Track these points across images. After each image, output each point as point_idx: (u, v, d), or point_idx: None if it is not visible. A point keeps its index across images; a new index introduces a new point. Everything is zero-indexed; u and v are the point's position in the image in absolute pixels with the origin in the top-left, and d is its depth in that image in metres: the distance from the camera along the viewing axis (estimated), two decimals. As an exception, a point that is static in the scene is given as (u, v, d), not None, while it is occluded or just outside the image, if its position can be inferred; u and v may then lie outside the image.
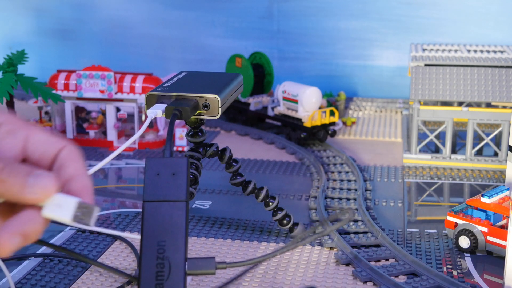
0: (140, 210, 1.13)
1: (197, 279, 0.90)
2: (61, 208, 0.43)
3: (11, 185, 0.42)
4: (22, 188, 0.42)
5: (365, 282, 0.90)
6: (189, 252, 0.99)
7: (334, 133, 1.51)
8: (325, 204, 1.15)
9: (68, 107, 1.53)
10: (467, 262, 0.97)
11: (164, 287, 0.50)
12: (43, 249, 1.00)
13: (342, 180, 1.28)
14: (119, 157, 1.45)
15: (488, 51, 1.50)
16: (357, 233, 1.04)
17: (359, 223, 1.08)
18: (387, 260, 0.96)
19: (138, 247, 1.00)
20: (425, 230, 1.07)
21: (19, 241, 0.42)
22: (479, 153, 1.41)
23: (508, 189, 1.01)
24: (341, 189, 1.23)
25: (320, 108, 1.52)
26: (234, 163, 1.00)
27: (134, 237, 0.96)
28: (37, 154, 0.46)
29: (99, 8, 2.13)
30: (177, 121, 1.41)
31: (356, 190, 1.22)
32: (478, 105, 1.44)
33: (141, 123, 1.51)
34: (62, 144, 0.46)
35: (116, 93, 1.49)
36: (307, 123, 1.48)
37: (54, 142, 0.46)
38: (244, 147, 1.53)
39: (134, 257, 0.98)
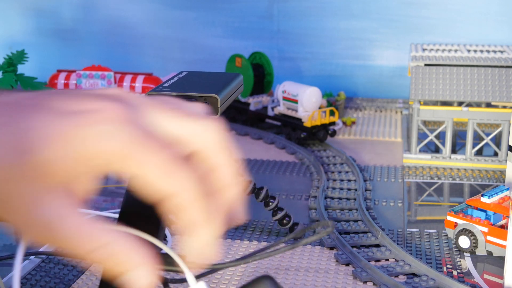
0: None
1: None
2: None
3: (110, 263, 0.37)
4: (118, 273, 0.37)
5: (365, 282, 0.90)
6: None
7: (334, 133, 1.50)
8: (325, 204, 1.15)
9: (68, 107, 1.52)
10: (467, 262, 0.97)
11: None
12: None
13: (342, 180, 1.28)
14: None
15: (488, 51, 1.50)
16: (357, 233, 1.04)
17: (359, 223, 1.08)
18: (387, 260, 0.96)
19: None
20: (425, 230, 1.07)
21: None
22: (479, 153, 1.41)
23: (508, 189, 1.01)
24: (341, 189, 1.23)
25: (320, 108, 1.52)
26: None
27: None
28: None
29: (99, 8, 2.13)
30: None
31: (356, 190, 1.22)
32: (478, 105, 1.44)
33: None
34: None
35: (116, 93, 1.49)
36: (307, 123, 1.48)
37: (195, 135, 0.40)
38: (244, 147, 1.53)
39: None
